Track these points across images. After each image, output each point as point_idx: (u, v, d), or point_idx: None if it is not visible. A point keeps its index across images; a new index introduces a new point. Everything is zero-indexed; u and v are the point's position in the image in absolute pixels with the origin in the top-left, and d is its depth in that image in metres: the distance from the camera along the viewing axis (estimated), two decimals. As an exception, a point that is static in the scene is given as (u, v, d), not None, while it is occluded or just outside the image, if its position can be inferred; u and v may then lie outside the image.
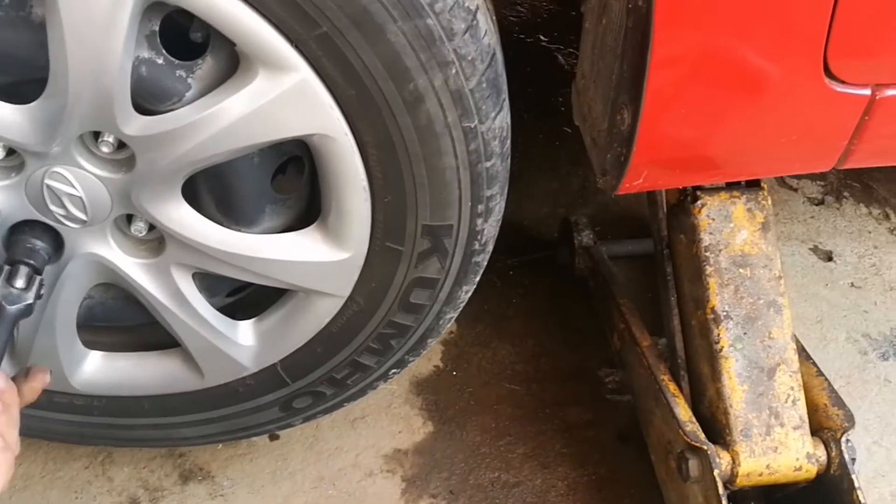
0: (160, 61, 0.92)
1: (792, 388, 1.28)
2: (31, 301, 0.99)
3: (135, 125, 0.93)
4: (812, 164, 1.13)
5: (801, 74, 0.99)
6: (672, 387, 1.32)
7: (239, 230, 1.06)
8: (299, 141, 0.97)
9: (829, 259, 1.78)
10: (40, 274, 1.02)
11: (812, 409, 1.29)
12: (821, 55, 0.97)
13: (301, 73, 0.89)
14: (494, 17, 1.00)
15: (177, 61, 0.93)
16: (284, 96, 0.90)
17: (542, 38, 2.04)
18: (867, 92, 1.01)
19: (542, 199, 1.80)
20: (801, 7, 0.93)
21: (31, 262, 1.02)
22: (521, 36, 2.07)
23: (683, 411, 1.27)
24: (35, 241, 1.03)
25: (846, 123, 1.05)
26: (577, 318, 1.62)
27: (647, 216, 1.50)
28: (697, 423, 1.25)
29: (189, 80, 0.93)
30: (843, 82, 1.00)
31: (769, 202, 1.31)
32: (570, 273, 1.61)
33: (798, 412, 1.27)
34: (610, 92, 1.06)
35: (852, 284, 1.75)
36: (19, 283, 0.99)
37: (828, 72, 0.99)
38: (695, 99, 0.99)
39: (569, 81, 1.98)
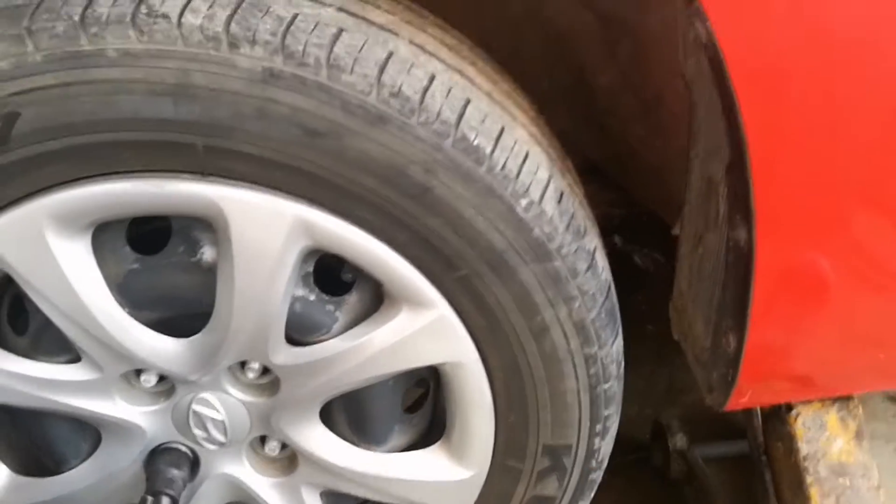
0: (312, 298, 1.02)
1: None
2: None
3: (285, 356, 1.02)
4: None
5: (889, 299, 1.06)
6: None
7: (369, 449, 1.12)
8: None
9: (919, 459, 1.77)
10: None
11: None
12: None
13: (440, 310, 0.99)
14: (605, 253, 1.10)
15: (327, 297, 1.03)
16: (425, 330, 0.99)
17: (616, 239, 2.15)
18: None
19: (630, 399, 1.82)
20: (887, 240, 1.02)
21: (171, 492, 1.07)
22: (595, 239, 2.18)
23: None
24: (174, 471, 1.09)
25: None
26: (673, 522, 1.61)
27: (735, 418, 1.53)
28: None
29: (337, 314, 1.03)
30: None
31: (860, 410, 1.34)
32: (664, 476, 1.62)
33: None
34: (711, 314, 1.13)
35: (943, 485, 1.72)
36: None
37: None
38: (795, 325, 1.06)
39: (646, 280, 2.06)
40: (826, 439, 1.32)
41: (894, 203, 0.99)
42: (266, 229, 0.93)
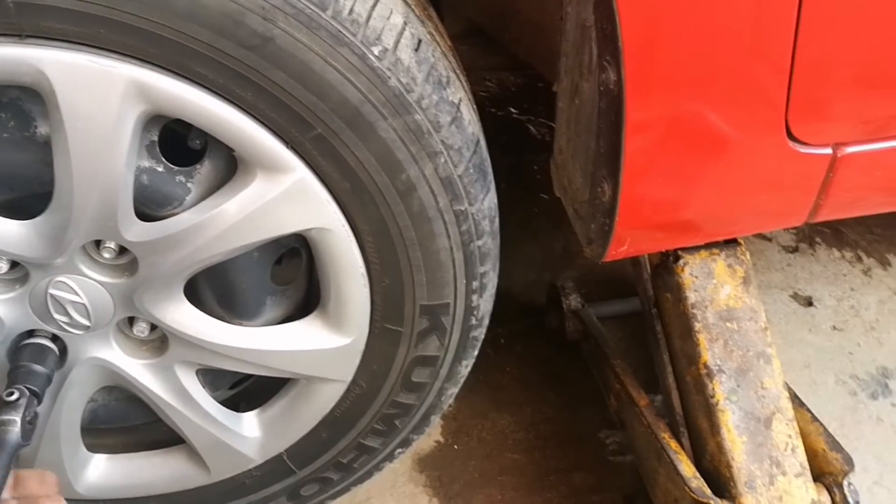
0: (160, 169, 0.96)
1: (790, 437, 1.31)
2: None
3: (137, 231, 0.96)
4: (784, 220, 1.18)
5: (767, 139, 1.05)
6: (673, 444, 1.34)
7: (241, 324, 1.08)
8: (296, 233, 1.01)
9: (810, 304, 1.83)
10: (40, 400, 1.02)
11: (811, 455, 1.32)
12: (782, 120, 1.03)
13: (298, 173, 0.94)
14: (475, 106, 1.06)
15: (176, 168, 0.97)
16: (283, 195, 0.94)
17: (512, 110, 2.11)
18: (829, 151, 1.07)
19: (527, 266, 1.85)
20: (761, 76, 1.00)
21: (33, 387, 1.01)
22: (493, 109, 2.15)
23: (687, 468, 1.29)
24: (35, 366, 1.03)
25: (812, 181, 1.11)
26: (572, 381, 1.65)
27: (630, 276, 1.55)
28: (702, 479, 1.27)
29: (189, 185, 0.97)
30: (805, 144, 1.06)
31: (748, 256, 1.36)
32: (561, 337, 1.64)
33: (798, 459, 1.29)
34: (588, 166, 1.11)
35: (834, 327, 1.80)
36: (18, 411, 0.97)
37: (790, 135, 1.05)
38: (669, 168, 1.05)
39: (540, 150, 2.05)
40: (713, 287, 1.34)
41: (761, 33, 0.96)
42: (96, 94, 0.86)
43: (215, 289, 1.07)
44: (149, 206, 0.97)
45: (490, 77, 2.15)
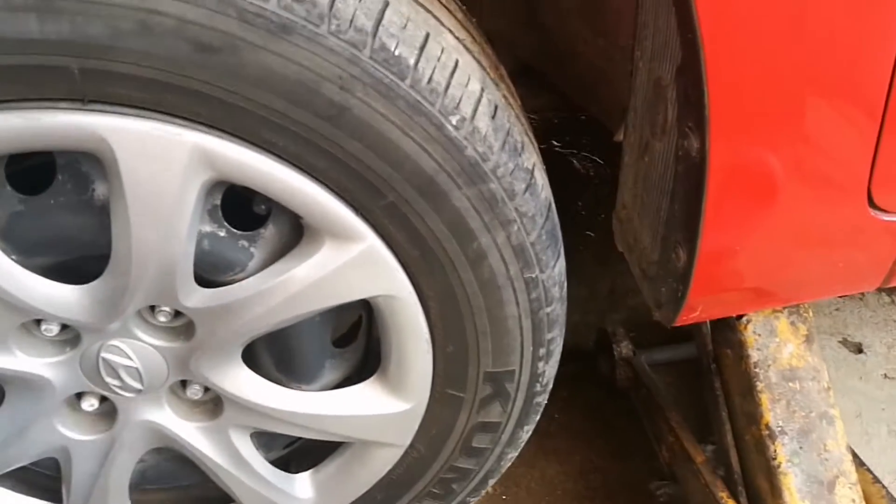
0: (222, 234, 0.92)
1: (853, 501, 1.26)
2: None
3: (196, 298, 0.93)
4: (858, 285, 1.14)
5: (848, 207, 1.01)
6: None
7: (299, 388, 1.05)
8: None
9: (860, 351, 1.78)
10: None
11: (875, 520, 1.28)
12: (865, 188, 0.99)
13: (367, 241, 0.90)
14: (545, 169, 1.02)
15: (239, 233, 0.93)
16: (351, 263, 0.90)
17: (555, 143, 2.06)
18: (912, 218, 1.03)
19: (572, 306, 1.78)
20: (847, 148, 0.95)
21: None
22: (534, 141, 2.10)
23: (747, 531, 1.25)
24: None
25: (890, 248, 1.06)
26: (621, 429, 1.60)
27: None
28: (763, 544, 1.23)
29: (252, 250, 0.93)
30: (886, 212, 1.02)
31: (810, 314, 1.31)
32: (611, 384, 1.59)
33: (863, 526, 1.25)
34: (659, 227, 1.07)
35: (885, 375, 1.75)
36: None
37: (872, 202, 1.01)
38: (750, 236, 1.00)
39: (584, 185, 2.00)
40: (776, 345, 1.29)
41: (849, 100, 0.92)
42: (160, 162, 0.82)
43: (274, 352, 1.03)
44: (209, 272, 0.93)
45: (531, 111, 2.11)
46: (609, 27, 1.16)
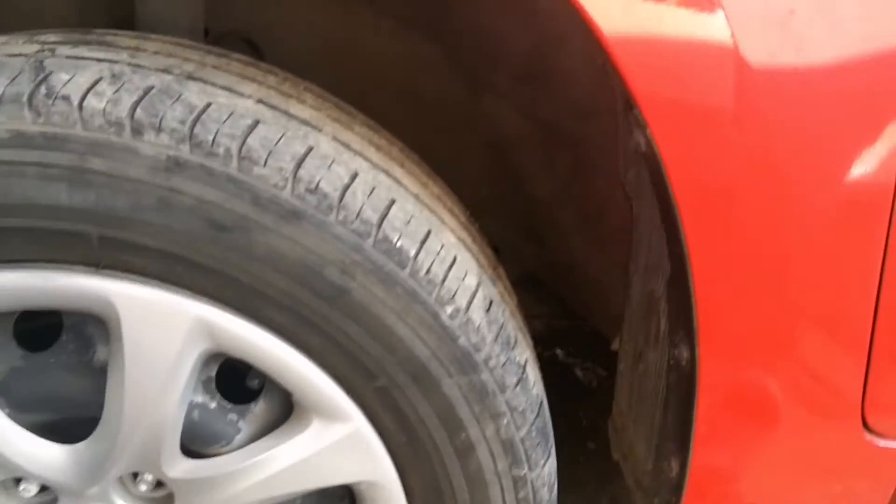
0: (213, 405, 0.93)
1: None
2: None
3: (180, 468, 0.92)
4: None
5: (842, 430, 1.00)
6: None
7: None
8: (344, 486, 0.95)
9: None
10: None
11: None
12: (858, 411, 0.99)
13: (355, 423, 0.90)
14: (539, 366, 1.03)
15: (230, 405, 0.94)
16: (337, 445, 0.90)
17: (558, 352, 2.08)
18: (910, 444, 1.02)
19: (570, 521, 1.73)
20: (835, 367, 0.97)
21: None
22: (538, 350, 2.12)
23: None
24: None
25: (890, 475, 1.04)
26: None
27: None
28: None
29: (240, 424, 0.94)
30: (882, 436, 1.01)
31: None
32: None
33: None
34: (653, 437, 1.06)
35: None
36: None
37: (866, 426, 1.00)
38: (741, 450, 0.99)
39: (587, 395, 2.00)
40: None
41: (837, 326, 0.94)
42: (162, 329, 0.85)
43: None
44: (196, 443, 0.93)
45: (537, 316, 2.15)
46: (605, 243, 1.22)
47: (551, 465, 1.00)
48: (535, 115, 1.26)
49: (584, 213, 1.28)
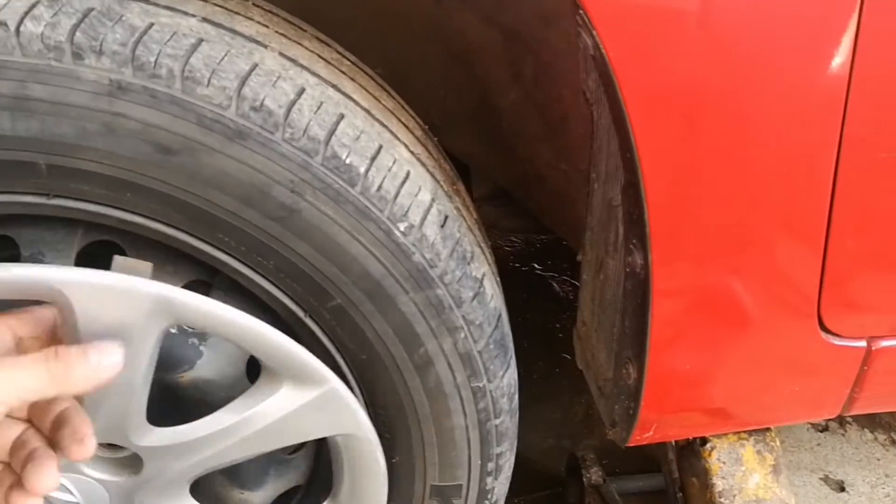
0: (174, 330, 0.94)
1: None
2: None
3: (147, 438, 0.89)
4: (817, 412, 1.14)
5: (798, 330, 1.02)
6: None
7: (242, 493, 1.03)
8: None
9: (842, 489, 1.74)
10: None
11: None
12: (815, 311, 1.00)
13: (331, 383, 0.89)
14: (499, 279, 1.04)
15: (190, 329, 0.95)
16: (311, 405, 0.89)
17: (536, 266, 2.10)
18: (863, 344, 1.04)
19: (545, 430, 1.78)
20: (791, 270, 0.98)
21: None
22: (516, 265, 2.14)
23: None
24: None
25: (846, 374, 1.07)
26: (589, 560, 1.55)
27: (651, 448, 1.48)
28: None
29: (201, 348, 0.95)
30: (838, 336, 1.03)
31: (777, 443, 1.30)
32: (580, 512, 1.55)
33: None
34: (613, 343, 1.08)
35: (869, 515, 1.70)
36: None
37: (823, 326, 1.02)
38: (696, 354, 1.01)
39: (564, 308, 2.02)
40: (742, 474, 1.27)
41: (792, 228, 0.95)
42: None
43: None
44: (158, 369, 0.93)
45: (515, 232, 2.16)
46: (570, 152, 1.21)
47: (511, 375, 1.02)
48: (498, 22, 1.23)
49: (548, 121, 1.27)
